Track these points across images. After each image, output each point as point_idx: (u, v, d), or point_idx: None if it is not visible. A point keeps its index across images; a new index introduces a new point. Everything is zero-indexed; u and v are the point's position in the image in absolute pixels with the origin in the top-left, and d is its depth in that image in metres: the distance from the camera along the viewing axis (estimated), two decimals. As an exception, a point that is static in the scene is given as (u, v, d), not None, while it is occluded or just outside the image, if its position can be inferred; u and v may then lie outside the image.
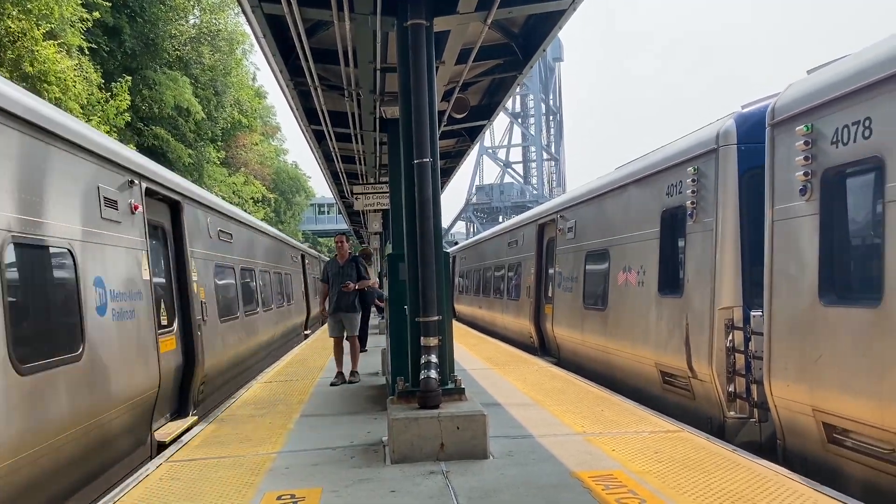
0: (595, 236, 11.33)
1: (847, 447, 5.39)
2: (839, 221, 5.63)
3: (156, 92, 25.77)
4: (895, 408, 4.73)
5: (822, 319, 5.60)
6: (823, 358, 5.54)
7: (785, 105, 6.24)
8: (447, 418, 5.63)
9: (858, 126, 5.28)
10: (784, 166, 6.17)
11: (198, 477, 5.41)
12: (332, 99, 9.31)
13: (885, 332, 4.88)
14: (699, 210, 7.91)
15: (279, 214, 46.29)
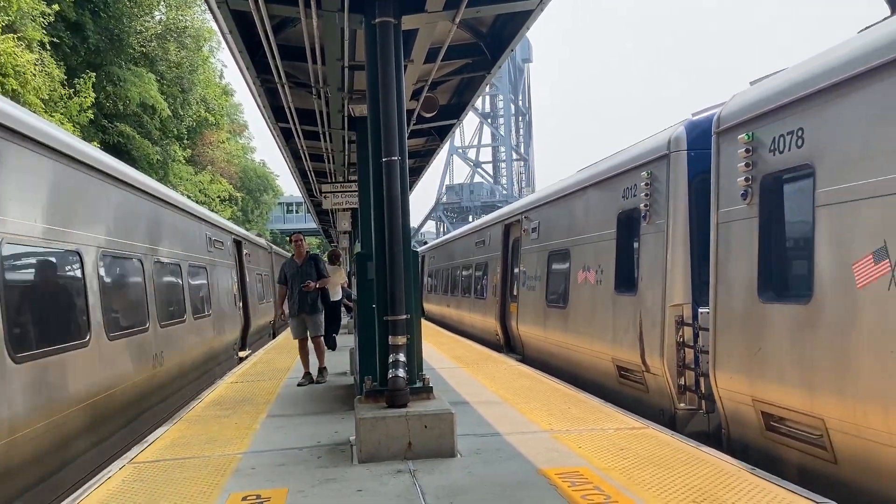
0: (557, 236, 11.74)
1: (783, 434, 5.76)
2: (776, 224, 6.04)
3: (121, 88, 25.35)
4: (823, 396, 5.12)
5: (761, 315, 5.99)
6: (761, 351, 5.94)
7: (728, 115, 6.64)
8: (415, 417, 5.62)
9: (792, 135, 5.68)
10: (728, 172, 6.55)
11: (162, 478, 5.33)
12: (300, 96, 9.24)
13: (814, 327, 5.29)
14: (652, 212, 8.29)
15: (246, 213, 45.85)
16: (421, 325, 6.67)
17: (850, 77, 5.06)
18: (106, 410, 7.75)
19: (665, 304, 7.84)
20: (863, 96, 4.98)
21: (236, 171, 43.39)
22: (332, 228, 26.92)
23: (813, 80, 5.48)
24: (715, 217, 6.80)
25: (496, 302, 15.50)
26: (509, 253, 15.12)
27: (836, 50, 5.50)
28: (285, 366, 12.09)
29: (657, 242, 8.16)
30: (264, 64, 7.87)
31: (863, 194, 4.89)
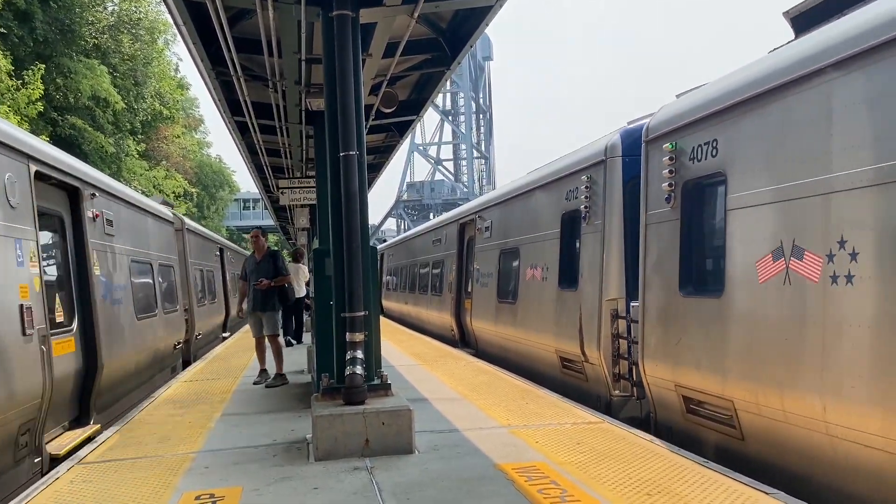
0: (508, 235, 12.29)
1: (700, 416, 6.33)
2: (694, 226, 6.63)
3: (71, 81, 24.67)
4: (733, 381, 5.70)
5: (681, 308, 6.57)
6: (682, 341, 6.51)
7: (656, 125, 7.23)
8: (372, 414, 5.59)
9: (708, 146, 6.27)
10: (654, 178, 7.11)
11: (112, 479, 5.20)
12: (257, 90, 9.10)
13: (725, 318, 5.87)
14: (591, 213, 8.89)
15: (202, 209, 45.10)
16: (379, 322, 6.63)
17: (754, 95, 5.61)
18: None
19: (602, 298, 8.41)
20: (765, 113, 5.52)
21: (191, 167, 42.64)
22: (289, 225, 26.63)
23: (724, 97, 6.06)
24: (644, 218, 7.35)
25: (452, 298, 15.90)
26: (464, 251, 15.53)
27: (745, 70, 6.04)
28: (242, 364, 11.92)
29: (595, 241, 8.75)
30: (219, 56, 7.73)
31: (765, 200, 5.45)
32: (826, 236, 4.79)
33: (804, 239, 5.01)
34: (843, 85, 4.75)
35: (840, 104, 4.75)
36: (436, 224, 20.25)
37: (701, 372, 6.19)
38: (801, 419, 5.01)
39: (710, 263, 6.53)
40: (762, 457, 5.55)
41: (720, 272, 6.05)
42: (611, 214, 8.48)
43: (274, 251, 10.12)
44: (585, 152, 9.38)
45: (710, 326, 6.08)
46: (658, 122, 7.21)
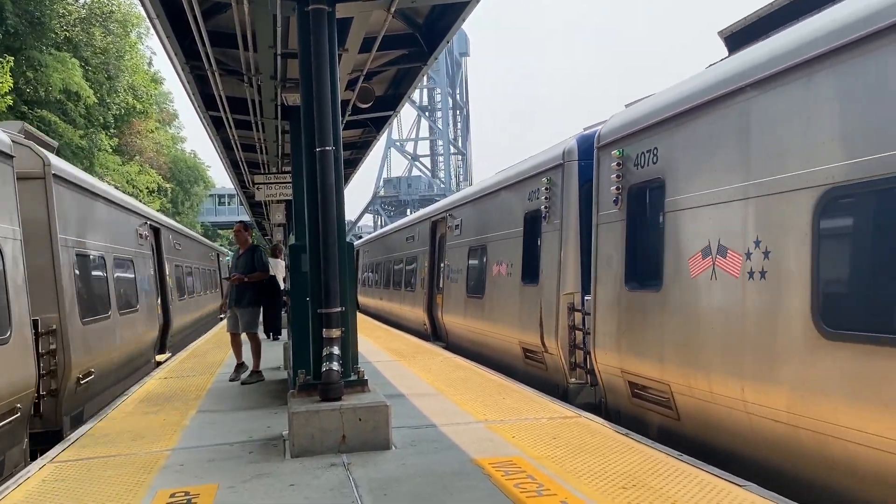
0: (476, 233, 12.90)
1: (643, 399, 6.99)
2: (638, 226, 7.27)
3: (42, 74, 24.25)
4: (669, 366, 6.35)
5: (627, 301, 7.24)
6: (627, 331, 7.18)
7: (606, 133, 7.88)
8: (349, 410, 5.58)
9: (650, 153, 6.90)
10: (604, 181, 7.77)
11: (85, 477, 5.14)
12: (232, 84, 9.02)
13: (662, 310, 6.51)
14: (550, 213, 9.51)
15: (176, 205, 44.61)
16: (356, 318, 6.61)
17: (686, 109, 6.28)
18: None
19: (559, 292, 9.07)
20: (695, 125, 6.18)
21: (165, 162, 42.15)
22: (265, 221, 26.43)
23: (662, 110, 6.71)
24: (595, 218, 8.04)
25: (424, 294, 16.37)
26: (436, 248, 16.00)
27: (681, 85, 6.67)
28: (218, 360, 11.83)
29: (554, 239, 9.34)
30: (194, 50, 7.65)
31: (695, 204, 6.09)
32: (745, 237, 5.42)
33: (728, 239, 5.65)
34: (758, 103, 5.39)
35: (755, 120, 5.40)
36: (409, 221, 20.74)
37: (643, 359, 6.87)
38: (725, 399, 5.65)
39: (650, 260, 6.99)
40: (695, 434, 6.20)
41: (659, 268, 6.65)
42: (568, 214, 9.12)
43: (254, 246, 9.91)
44: (545, 156, 9.98)
45: (650, 318, 6.77)
46: (608, 130, 7.87)
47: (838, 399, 4.54)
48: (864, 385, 4.36)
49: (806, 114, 4.94)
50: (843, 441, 4.52)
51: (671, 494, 4.31)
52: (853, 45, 4.51)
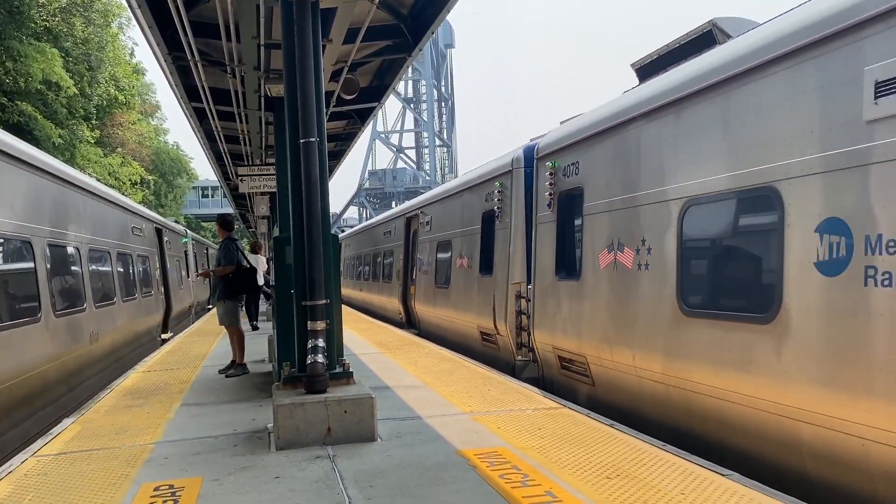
0: (444, 229, 14.20)
1: (569, 370, 8.49)
2: (565, 226, 8.71)
3: (21, 64, 23.92)
4: (585, 342, 7.89)
5: (556, 289, 8.76)
6: (557, 314, 8.69)
7: (542, 147, 9.29)
8: (334, 402, 5.57)
9: (573, 166, 8.34)
10: (541, 187, 9.16)
11: (69, 470, 5.10)
12: (215, 75, 8.95)
13: (581, 296, 8.06)
14: (502, 213, 10.86)
15: (159, 197, 44.26)
16: (341, 310, 6.59)
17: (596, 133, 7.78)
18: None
19: (508, 282, 10.43)
20: (602, 145, 7.70)
21: (148, 154, 41.79)
22: (249, 213, 26.27)
23: (581, 131, 8.19)
24: (534, 219, 9.50)
25: (399, 285, 17.71)
26: (410, 242, 17.37)
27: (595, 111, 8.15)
28: (202, 353, 11.78)
29: (505, 236, 10.70)
30: (176, 41, 7.58)
31: (603, 209, 7.55)
32: (636, 237, 6.87)
33: (625, 238, 7.08)
34: (646, 130, 6.79)
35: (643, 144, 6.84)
36: (386, 217, 22.03)
37: (568, 337, 8.38)
38: (623, 366, 7.13)
39: (573, 255, 8.54)
40: (606, 397, 7.64)
41: (578, 262, 8.20)
42: (515, 214, 10.42)
43: (226, 239, 9.82)
44: (499, 162, 11.28)
45: (572, 303, 8.29)
46: (544, 144, 9.26)
47: (693, 362, 5.95)
48: (710, 350, 5.73)
49: (675, 142, 6.33)
50: (699, 395, 5.89)
51: (655, 484, 4.34)
52: (692, 97, 6.11)
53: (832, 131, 4.69)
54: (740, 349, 5.40)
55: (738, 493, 4.13)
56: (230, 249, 9.60)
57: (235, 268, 9.55)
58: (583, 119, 8.41)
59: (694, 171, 6.04)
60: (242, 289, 9.71)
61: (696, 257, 6.17)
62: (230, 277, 9.57)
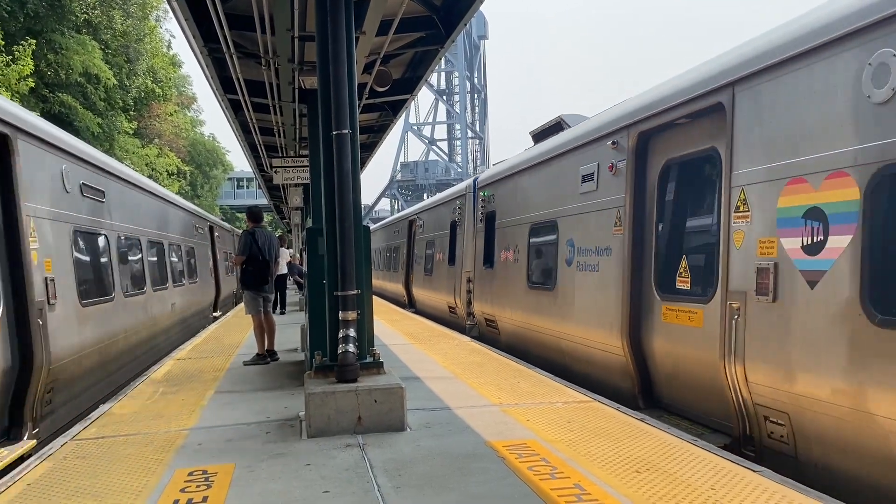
0: (430, 231, 18.96)
1: (491, 327, 12.92)
2: (489, 234, 13.09)
3: (62, 56, 24.41)
4: (496, 307, 12.31)
5: (483, 274, 13.25)
6: (486, 291, 13.11)
7: (479, 181, 14.13)
8: (364, 392, 5.62)
9: (491, 196, 13.01)
10: (477, 208, 13.80)
11: (105, 454, 5.23)
12: (250, 67, 9.03)
13: (494, 278, 12.56)
14: (462, 221, 15.27)
15: (195, 188, 44.89)
16: (372, 301, 6.64)
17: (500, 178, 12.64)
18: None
19: (463, 270, 14.76)
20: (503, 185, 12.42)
21: (184, 145, 42.38)
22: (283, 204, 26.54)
23: (495, 175, 13.11)
24: (474, 228, 14.04)
25: (403, 273, 22.48)
26: (411, 240, 21.93)
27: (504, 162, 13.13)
28: (236, 341, 11.95)
29: (462, 238, 15.08)
30: (212, 33, 7.66)
31: (505, 225, 12.11)
32: (517, 242, 11.33)
33: (510, 243, 11.71)
34: (519, 180, 11.56)
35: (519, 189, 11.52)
36: (396, 219, 27.84)
37: (489, 305, 12.92)
38: (512, 321, 11.62)
39: (491, 252, 12.98)
40: (507, 342, 11.97)
41: (494, 256, 12.74)
42: (468, 224, 14.68)
43: (244, 232, 10.02)
44: (461, 186, 16.44)
45: (492, 283, 12.78)
46: (480, 179, 14.23)
47: (532, 315, 10.56)
48: (537, 307, 10.37)
49: (528, 190, 11.18)
50: (536, 332, 10.50)
51: (684, 478, 4.32)
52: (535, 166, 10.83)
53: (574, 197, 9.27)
54: (544, 305, 10.16)
55: (768, 490, 4.08)
56: (244, 241, 9.71)
57: (247, 259, 9.64)
58: (497, 167, 13.59)
59: (534, 207, 10.84)
60: (252, 280, 9.73)
61: (535, 256, 10.86)
62: (245, 268, 9.71)
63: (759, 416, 5.67)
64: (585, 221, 8.83)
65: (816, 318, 5.03)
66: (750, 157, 5.78)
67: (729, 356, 5.88)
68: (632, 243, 7.64)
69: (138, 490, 4.38)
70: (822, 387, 4.95)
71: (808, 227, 5.15)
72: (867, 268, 4.63)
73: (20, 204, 7.03)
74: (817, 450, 5.10)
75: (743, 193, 5.85)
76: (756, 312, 5.63)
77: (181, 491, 4.32)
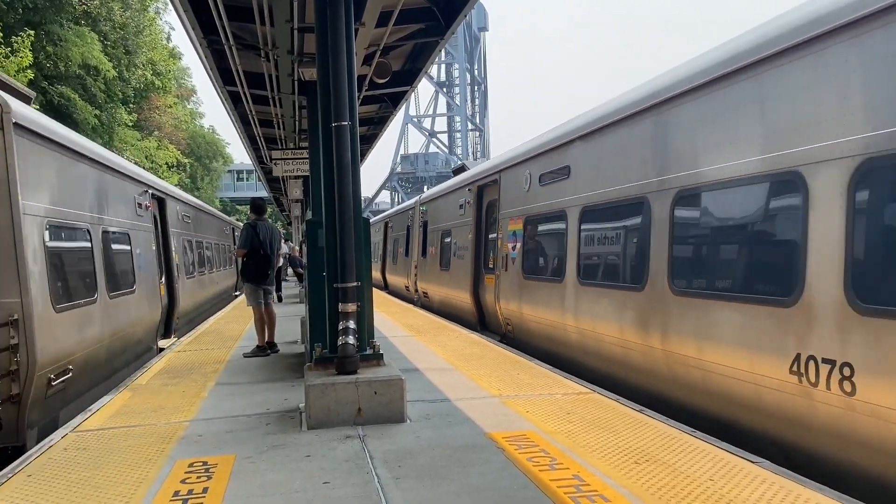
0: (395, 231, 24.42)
1: (426, 297, 18.36)
2: (427, 234, 18.44)
3: (61, 48, 24.36)
4: (425, 283, 18.53)
5: (421, 262, 18.86)
6: (422, 273, 18.78)
7: (421, 200, 20.25)
8: (364, 383, 5.63)
9: (426, 209, 18.93)
10: (420, 218, 19.35)
11: (106, 446, 5.24)
12: (249, 59, 9.01)
13: (426, 264, 18.43)
14: (412, 226, 20.37)
15: (195, 180, 44.85)
16: (372, 293, 6.65)
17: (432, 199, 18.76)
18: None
19: (412, 260, 20.16)
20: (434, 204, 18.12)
21: (184, 137, 42.33)
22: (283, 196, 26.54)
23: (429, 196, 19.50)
24: (417, 231, 19.50)
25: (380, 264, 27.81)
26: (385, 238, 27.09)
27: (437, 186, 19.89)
28: (235, 334, 11.97)
29: (412, 239, 20.30)
30: (211, 25, 7.64)
31: (435, 228, 17.43)
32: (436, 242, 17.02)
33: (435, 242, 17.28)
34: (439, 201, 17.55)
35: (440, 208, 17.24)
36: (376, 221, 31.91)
37: (424, 283, 18.34)
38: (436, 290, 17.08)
39: (428, 247, 17.86)
40: (433, 306, 17.17)
41: (426, 250, 18.05)
42: (414, 227, 20.15)
43: (245, 224, 9.99)
44: (412, 201, 22.02)
45: (425, 268, 18.21)
46: (422, 199, 20.05)
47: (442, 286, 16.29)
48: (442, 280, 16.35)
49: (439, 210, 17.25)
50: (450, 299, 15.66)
51: (684, 469, 4.33)
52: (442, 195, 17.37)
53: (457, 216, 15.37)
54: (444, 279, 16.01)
55: (767, 481, 4.10)
56: (245, 234, 9.67)
57: (248, 252, 9.60)
58: (430, 191, 19.77)
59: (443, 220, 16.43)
60: (253, 273, 9.69)
61: (442, 251, 16.17)
62: (246, 261, 9.69)
63: (506, 322, 11.70)
64: (461, 230, 14.85)
65: (514, 279, 11.13)
66: (502, 204, 12.09)
67: (497, 298, 11.94)
68: (475, 244, 13.78)
69: (139, 481, 4.39)
70: (519, 308, 10.88)
71: (514, 239, 11.21)
72: (524, 257, 10.74)
73: (169, 230, 14.73)
74: (522, 336, 10.91)
75: (502, 222, 11.95)
76: (503, 277, 11.68)
77: (182, 482, 4.33)
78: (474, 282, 13.44)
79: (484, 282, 13.08)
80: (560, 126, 9.83)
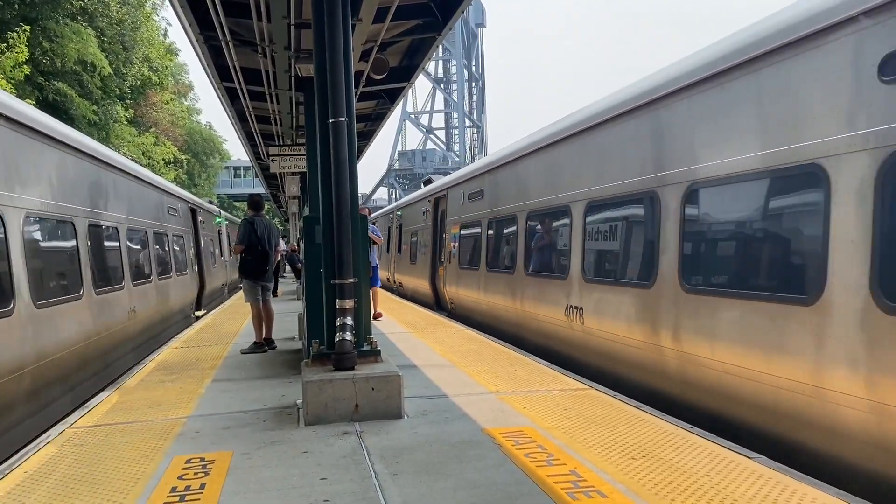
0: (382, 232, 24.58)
1: (402, 286, 22.40)
2: (401, 235, 23.01)
3: (58, 45, 24.29)
4: (400, 275, 22.74)
5: (397, 258, 23.37)
6: (398, 267, 23.11)
7: (398, 206, 25.57)
8: (362, 379, 5.63)
9: (401, 214, 23.58)
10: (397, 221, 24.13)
11: (103, 442, 5.24)
12: (246, 55, 8.99)
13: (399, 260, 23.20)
14: (394, 228, 24.52)
15: (192, 177, 44.78)
16: (370, 289, 6.64)
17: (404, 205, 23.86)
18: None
19: (392, 256, 24.15)
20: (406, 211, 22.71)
21: (181, 134, 42.24)
22: (280, 193, 26.53)
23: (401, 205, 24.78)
24: (396, 232, 24.08)
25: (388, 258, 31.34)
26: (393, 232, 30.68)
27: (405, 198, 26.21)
28: (233, 330, 11.96)
29: (394, 238, 24.21)
30: (208, 20, 7.63)
31: (408, 231, 21.66)
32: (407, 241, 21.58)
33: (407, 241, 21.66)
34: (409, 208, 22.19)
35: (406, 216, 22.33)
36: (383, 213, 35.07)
37: (399, 275, 22.65)
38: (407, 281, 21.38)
39: (402, 245, 22.50)
40: (406, 293, 21.11)
41: (401, 248, 22.71)
42: (395, 229, 24.09)
43: (243, 220, 9.92)
44: (392, 206, 28.22)
45: (399, 263, 22.72)
46: (398, 205, 25.52)
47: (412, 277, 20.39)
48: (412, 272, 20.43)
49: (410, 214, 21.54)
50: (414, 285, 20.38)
51: (680, 465, 4.34)
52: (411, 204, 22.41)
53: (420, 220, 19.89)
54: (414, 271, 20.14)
55: (763, 476, 4.11)
56: (243, 230, 9.62)
57: (246, 248, 9.57)
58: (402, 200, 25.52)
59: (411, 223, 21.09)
60: (251, 269, 9.66)
61: (411, 248, 20.56)
62: (244, 258, 9.65)
63: (450, 301, 15.39)
64: (423, 232, 18.79)
65: (454, 269, 15.04)
66: (448, 213, 15.88)
67: (444, 284, 15.84)
68: (432, 243, 17.65)
69: (136, 477, 4.39)
70: (457, 291, 14.65)
71: (454, 239, 15.05)
72: (461, 253, 14.49)
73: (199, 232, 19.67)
74: (459, 310, 14.56)
75: (447, 226, 15.91)
76: (448, 268, 15.51)
77: (179, 478, 4.34)
78: (432, 272, 17.91)
79: (438, 272, 17.29)
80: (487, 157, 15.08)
